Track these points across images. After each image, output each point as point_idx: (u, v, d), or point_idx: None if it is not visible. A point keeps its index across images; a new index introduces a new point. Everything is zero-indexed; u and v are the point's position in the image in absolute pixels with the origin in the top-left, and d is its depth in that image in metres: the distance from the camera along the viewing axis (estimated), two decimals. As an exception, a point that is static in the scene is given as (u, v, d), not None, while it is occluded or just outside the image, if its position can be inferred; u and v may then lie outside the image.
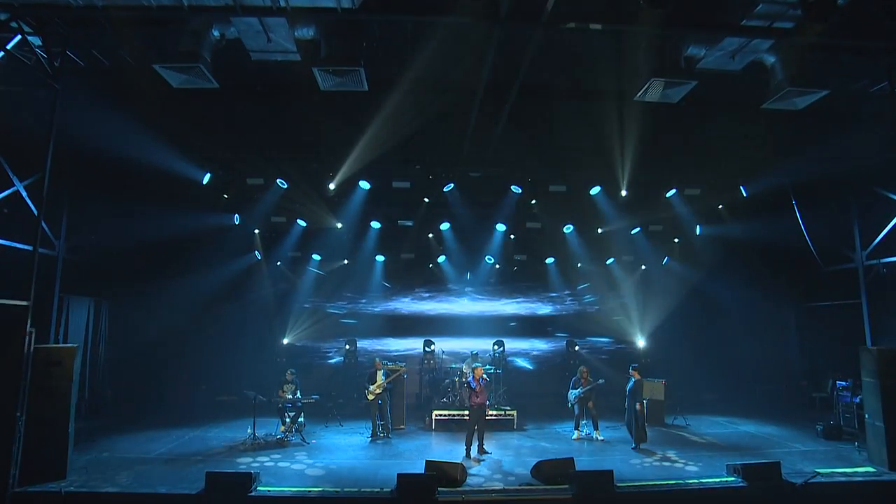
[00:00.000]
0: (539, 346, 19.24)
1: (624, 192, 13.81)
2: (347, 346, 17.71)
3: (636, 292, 18.36)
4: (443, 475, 9.13)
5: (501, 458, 11.25)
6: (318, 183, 13.11)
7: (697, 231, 16.23)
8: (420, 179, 13.50)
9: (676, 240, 17.13)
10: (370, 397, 12.98)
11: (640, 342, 18.32)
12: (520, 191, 13.92)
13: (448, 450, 11.92)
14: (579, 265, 18.22)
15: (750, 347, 18.35)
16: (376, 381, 13.02)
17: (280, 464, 10.51)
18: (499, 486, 9.42)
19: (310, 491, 8.76)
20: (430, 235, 16.65)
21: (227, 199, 14.44)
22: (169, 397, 16.26)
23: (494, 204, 14.81)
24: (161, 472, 9.73)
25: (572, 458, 9.85)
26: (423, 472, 9.26)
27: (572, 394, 13.39)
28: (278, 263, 17.43)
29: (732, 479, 9.62)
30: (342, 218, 14.83)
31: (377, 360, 13.64)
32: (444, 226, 16.01)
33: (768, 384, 18.24)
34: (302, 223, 15.75)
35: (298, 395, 12.94)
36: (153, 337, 15.35)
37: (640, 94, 9.76)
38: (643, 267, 18.39)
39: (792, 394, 17.74)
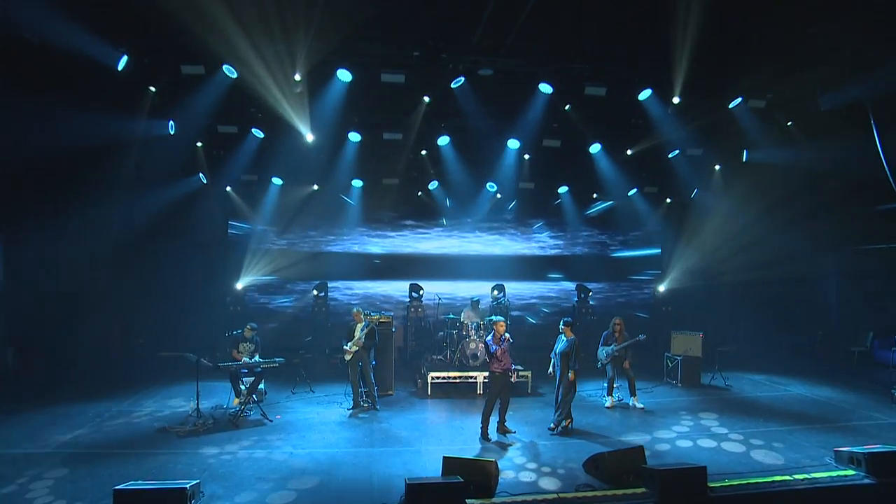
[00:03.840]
0: (545, 290, 16.57)
1: (676, 99, 10.82)
2: (316, 292, 14.69)
3: (660, 229, 15.77)
4: (470, 479, 6.32)
5: (529, 440, 8.58)
6: (281, 73, 9.53)
7: (744, 157, 13.44)
8: (418, 72, 10.07)
9: (717, 167, 14.37)
10: (347, 357, 10.08)
11: (661, 287, 15.83)
12: (551, 90, 10.67)
13: (456, 427, 9.20)
14: (595, 196, 15.43)
15: (779, 294, 16.14)
16: (354, 337, 10.08)
17: (232, 457, 7.53)
18: (550, 491, 6.67)
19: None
20: (424, 153, 13.36)
21: (156, 95, 10.73)
22: (97, 357, 13.03)
23: (511, 112, 11.53)
24: (50, 481, 6.59)
25: (642, 447, 7.31)
26: (439, 475, 6.53)
27: (603, 351, 10.85)
28: (228, 189, 13.95)
29: (851, 472, 7.26)
30: (313, 126, 11.33)
31: (356, 309, 10.55)
32: (443, 140, 12.69)
33: (796, 336, 16.19)
34: (259, 133, 12.22)
35: (257, 357, 9.88)
36: (71, 281, 11.97)
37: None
38: (668, 200, 15.72)
39: (825, 347, 15.67)
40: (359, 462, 7.46)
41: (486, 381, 11.18)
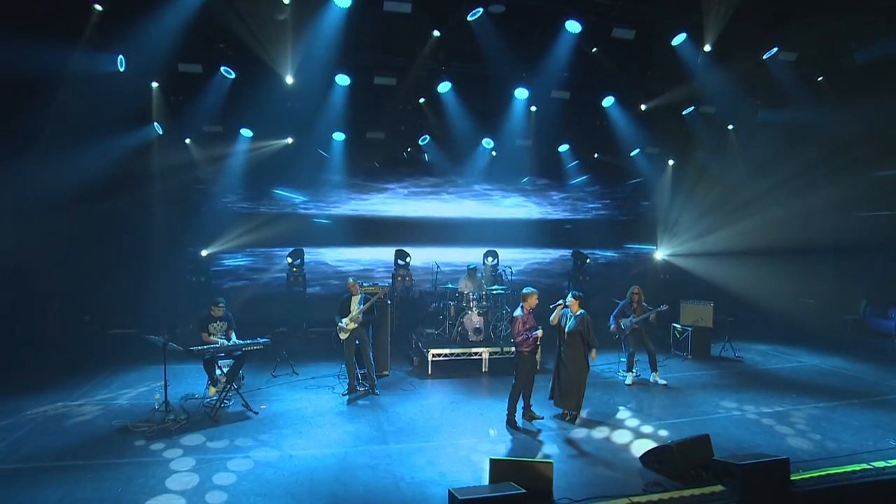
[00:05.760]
0: (537, 256, 15.53)
1: (708, 47, 9.72)
2: (290, 260, 13.11)
3: (660, 193, 14.92)
4: (526, 485, 5.17)
5: (558, 426, 7.57)
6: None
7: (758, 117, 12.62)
8: (427, 1, 8.49)
9: (731, 126, 13.49)
10: (343, 336, 8.74)
11: (658, 254, 15.03)
12: (579, 28, 9.30)
13: (474, 414, 8.02)
14: (596, 156, 14.36)
15: (773, 262, 15.61)
16: (351, 312, 8.71)
17: (219, 464, 6.08)
18: (618, 494, 5.57)
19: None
20: (422, 101, 11.78)
21: (102, 17, 8.70)
22: (32, 339, 11.25)
23: (525, 56, 10.12)
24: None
25: (707, 436, 6.39)
26: (478, 477, 5.62)
27: (622, 324, 9.84)
28: (187, 141, 12.05)
29: (934, 460, 6.52)
30: (295, 66, 9.56)
31: (351, 280, 9.15)
32: (444, 86, 11.16)
33: (786, 304, 15.75)
34: (229, 73, 10.36)
35: (234, 337, 8.36)
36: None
37: None
38: (671, 162, 14.81)
39: (816, 314, 15.29)
40: (377, 464, 6.18)
41: (491, 357, 10.21)
